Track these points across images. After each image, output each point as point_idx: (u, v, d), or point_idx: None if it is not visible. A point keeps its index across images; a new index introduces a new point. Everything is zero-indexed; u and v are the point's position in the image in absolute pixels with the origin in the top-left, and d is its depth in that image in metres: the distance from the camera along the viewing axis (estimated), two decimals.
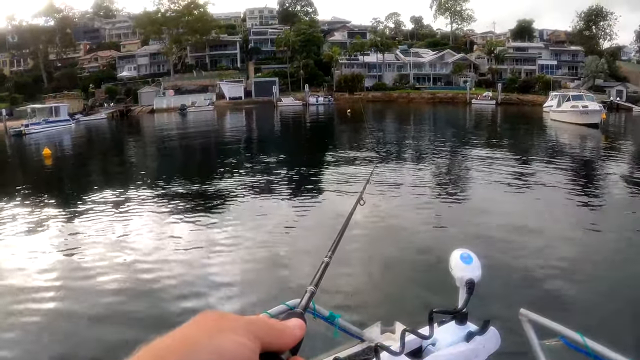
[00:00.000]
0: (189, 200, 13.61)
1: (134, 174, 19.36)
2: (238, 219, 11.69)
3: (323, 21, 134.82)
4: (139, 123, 62.78)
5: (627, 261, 9.04)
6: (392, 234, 10.84)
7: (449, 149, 25.95)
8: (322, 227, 10.96)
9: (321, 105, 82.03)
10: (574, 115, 46.43)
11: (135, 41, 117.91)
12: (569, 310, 6.91)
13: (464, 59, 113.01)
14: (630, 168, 22.34)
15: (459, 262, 2.80)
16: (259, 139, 35.98)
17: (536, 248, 9.63)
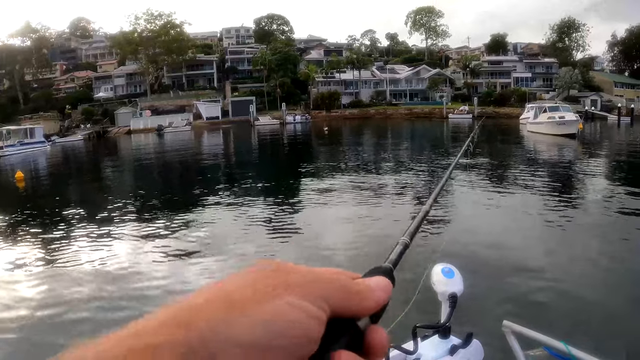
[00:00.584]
0: (166, 222, 13.52)
1: (110, 196, 19.22)
2: (217, 242, 11.70)
3: (299, 39, 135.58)
4: (116, 144, 62.39)
5: (608, 270, 9.26)
6: (370, 248, 10.86)
7: (428, 164, 26.07)
8: (301, 248, 11.06)
9: (298, 124, 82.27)
10: (551, 126, 46.85)
11: (112, 61, 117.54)
12: (552, 320, 7.00)
13: (440, 74, 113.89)
14: (609, 177, 22.73)
15: (441, 277, 2.86)
16: (236, 160, 35.90)
17: (518, 260, 9.79)
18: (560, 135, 44.43)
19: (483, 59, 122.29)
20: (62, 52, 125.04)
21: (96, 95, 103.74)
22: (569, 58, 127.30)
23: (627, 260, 9.69)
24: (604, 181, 21.31)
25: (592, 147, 39.29)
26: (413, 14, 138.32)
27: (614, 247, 10.56)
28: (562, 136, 44.17)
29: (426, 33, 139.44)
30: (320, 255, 10.12)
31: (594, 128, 67.11)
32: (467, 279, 7.83)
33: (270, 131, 67.08)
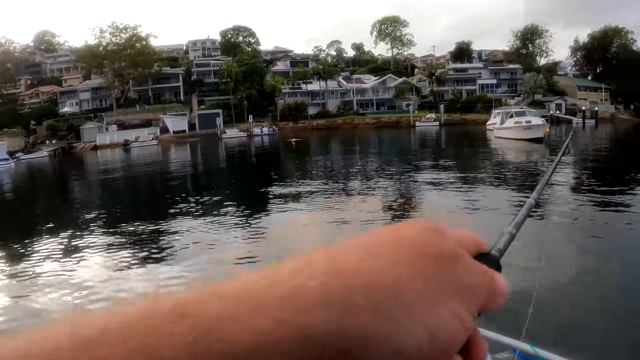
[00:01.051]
0: (135, 237, 13.39)
1: (77, 213, 18.97)
2: (186, 255, 11.67)
3: (265, 51, 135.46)
4: (82, 160, 61.59)
5: (574, 271, 9.44)
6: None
7: (396, 173, 26.00)
8: (271, 257, 11.06)
9: (266, 136, 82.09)
10: (518, 131, 47.16)
11: (77, 76, 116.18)
12: (518, 323, 7.01)
13: (406, 82, 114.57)
14: (577, 179, 23.46)
15: None
16: (204, 173, 35.64)
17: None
18: (527, 140, 44.78)
19: (448, 67, 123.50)
20: (27, 67, 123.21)
21: (61, 110, 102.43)
22: (533, 64, 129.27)
23: (594, 261, 9.97)
24: (572, 182, 21.96)
25: (559, 150, 39.77)
26: (378, 24, 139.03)
27: (581, 249, 10.89)
28: (529, 140, 44.56)
29: (392, 42, 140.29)
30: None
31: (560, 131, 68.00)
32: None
33: (238, 144, 66.89)
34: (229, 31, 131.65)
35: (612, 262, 9.76)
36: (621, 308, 7.48)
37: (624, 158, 36.42)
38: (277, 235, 12.83)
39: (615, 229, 12.69)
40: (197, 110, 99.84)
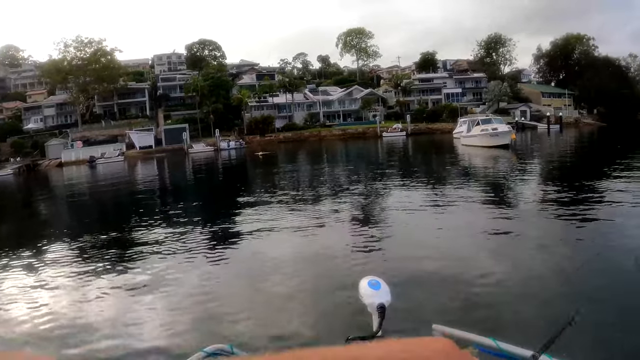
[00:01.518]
0: (102, 257, 13.18)
1: (42, 233, 18.74)
2: (158, 273, 11.44)
3: (231, 64, 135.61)
4: (48, 178, 60.85)
5: (534, 269, 9.50)
6: (308, 267, 10.96)
7: (364, 185, 25.93)
8: (243, 275, 11.07)
9: (233, 150, 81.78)
10: (484, 138, 47.60)
11: (42, 91, 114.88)
12: (480, 319, 7.22)
13: (372, 93, 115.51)
14: (543, 183, 23.55)
15: (368, 289, 2.89)
16: (172, 189, 35.40)
17: (448, 268, 9.92)
18: (494, 147, 45.13)
19: (414, 77, 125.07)
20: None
21: (26, 126, 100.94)
22: (497, 72, 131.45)
23: (553, 259, 10.14)
24: (538, 187, 22.21)
25: (525, 156, 40.45)
26: (344, 36, 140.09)
27: (543, 249, 11.03)
28: (496, 147, 44.92)
29: (357, 54, 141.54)
30: (263, 280, 10.15)
31: (525, 138, 69.24)
32: (399, 289, 8.28)
33: (205, 158, 66.67)
34: (195, 45, 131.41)
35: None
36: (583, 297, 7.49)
37: (588, 160, 37.49)
38: (246, 251, 12.82)
39: (579, 235, 12.71)
40: (163, 125, 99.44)
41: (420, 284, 9.07)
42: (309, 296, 9.10)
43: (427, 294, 8.56)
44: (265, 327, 7.79)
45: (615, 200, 16.45)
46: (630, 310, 7.43)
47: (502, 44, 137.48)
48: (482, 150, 44.35)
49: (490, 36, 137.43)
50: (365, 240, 12.82)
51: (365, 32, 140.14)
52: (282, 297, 9.04)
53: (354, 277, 7.24)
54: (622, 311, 7.37)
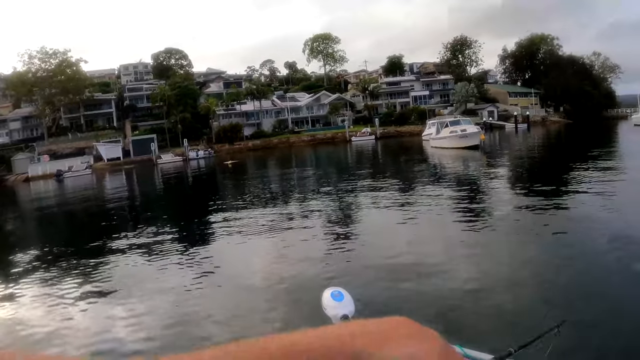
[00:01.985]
0: (73, 273, 13.08)
1: (10, 251, 18.66)
2: (131, 284, 11.40)
3: (198, 73, 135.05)
4: (14, 193, 60.06)
5: (499, 273, 9.57)
6: (274, 276, 10.91)
7: (334, 191, 26.01)
8: (217, 284, 11.04)
9: (202, 159, 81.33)
10: (454, 140, 48.03)
11: (7, 104, 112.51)
12: (446, 325, 7.12)
13: (340, 98, 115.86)
14: (513, 182, 24.22)
15: (331, 301, 2.91)
16: (141, 200, 34.98)
17: (413, 273, 9.80)
18: (463, 148, 45.59)
19: (381, 81, 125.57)
20: None
21: None
22: (464, 73, 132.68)
23: (518, 262, 10.24)
24: (508, 186, 22.84)
25: (495, 156, 41.22)
26: (310, 42, 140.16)
27: (510, 251, 11.18)
28: (465, 149, 45.40)
29: (324, 59, 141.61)
30: (238, 288, 10.25)
31: (494, 137, 70.15)
32: (365, 296, 8.33)
33: (174, 169, 66.31)
34: (161, 54, 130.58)
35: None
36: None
37: (555, 157, 38.94)
38: (218, 262, 12.78)
39: (548, 225, 13.38)
40: (131, 136, 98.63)
41: (387, 290, 9.06)
42: (273, 308, 9.07)
43: (395, 300, 8.57)
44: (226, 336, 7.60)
45: (581, 190, 17.78)
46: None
47: (467, 46, 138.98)
48: (451, 152, 44.79)
49: (456, 38, 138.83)
50: (335, 248, 12.86)
51: (332, 38, 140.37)
52: (248, 308, 9.07)
53: (320, 286, 7.29)
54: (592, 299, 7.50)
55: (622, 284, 8.33)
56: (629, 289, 8.01)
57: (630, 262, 9.34)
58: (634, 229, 11.98)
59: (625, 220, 13.02)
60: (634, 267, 9.03)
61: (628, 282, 8.37)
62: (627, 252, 10.08)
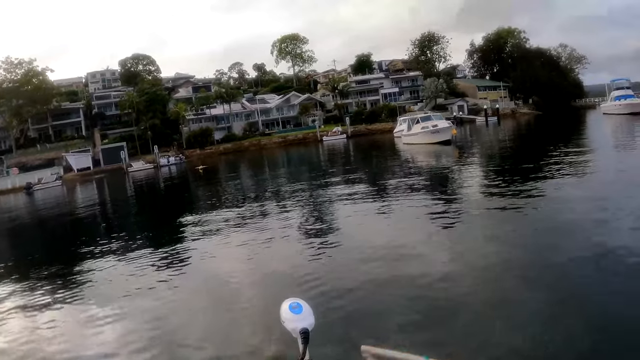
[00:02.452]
0: (51, 286, 12.94)
1: None
2: (108, 294, 11.41)
3: (167, 78, 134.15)
4: None
5: (473, 277, 9.31)
6: (242, 285, 10.98)
7: (307, 191, 26.19)
8: (197, 289, 11.06)
9: (173, 165, 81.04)
10: (425, 136, 48.50)
11: None
12: (411, 336, 7.00)
13: (310, 99, 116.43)
14: (486, 174, 24.56)
15: (289, 314, 2.88)
16: (112, 211, 34.58)
17: (373, 282, 9.58)
18: (436, 144, 46.09)
19: (350, 80, 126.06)
20: None
21: None
22: (433, 69, 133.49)
23: (483, 265, 10.02)
24: (481, 178, 23.12)
25: (467, 150, 41.44)
26: (278, 43, 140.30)
27: (476, 257, 10.81)
28: (437, 144, 45.82)
29: (292, 60, 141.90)
30: (216, 294, 10.33)
31: (465, 131, 70.80)
32: (325, 308, 8.43)
33: (146, 176, 65.87)
34: (129, 60, 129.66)
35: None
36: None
37: (525, 148, 39.68)
38: (193, 270, 12.90)
39: (518, 217, 13.78)
40: (100, 144, 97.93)
41: (352, 298, 8.91)
42: (236, 320, 9.07)
43: (359, 310, 8.38)
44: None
45: (553, 177, 18.74)
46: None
47: (435, 42, 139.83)
48: (424, 148, 45.19)
49: (423, 35, 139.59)
50: (304, 252, 12.83)
51: (300, 38, 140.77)
52: (209, 321, 9.07)
53: (284, 296, 7.23)
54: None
55: (601, 283, 8.44)
56: (605, 286, 8.11)
57: (604, 254, 9.55)
58: (605, 217, 12.32)
59: (597, 207, 13.40)
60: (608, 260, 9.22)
61: (607, 280, 8.46)
62: (599, 243, 10.31)
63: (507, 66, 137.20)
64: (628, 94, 70.33)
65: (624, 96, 69.14)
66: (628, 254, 9.22)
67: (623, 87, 73.94)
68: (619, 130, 44.43)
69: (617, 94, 71.32)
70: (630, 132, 40.53)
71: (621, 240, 10.08)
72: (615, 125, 49.55)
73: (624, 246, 9.66)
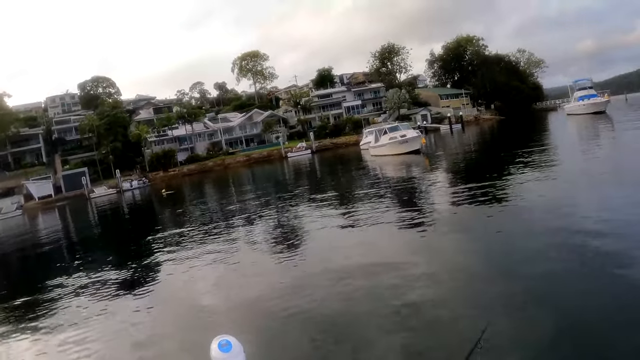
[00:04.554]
0: (16, 320, 12.86)
1: None
2: (72, 324, 11.26)
3: (127, 100, 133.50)
4: None
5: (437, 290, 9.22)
6: (233, 305, 10.81)
7: (274, 210, 25.97)
8: (165, 314, 10.99)
9: (137, 189, 79.64)
10: (394, 146, 48.21)
11: None
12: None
13: (272, 115, 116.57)
14: (456, 183, 24.61)
15: (218, 353, 2.80)
16: (76, 240, 33.83)
17: (306, 310, 9.36)
18: (405, 154, 45.94)
19: (313, 94, 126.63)
20: None
21: None
22: (394, 80, 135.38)
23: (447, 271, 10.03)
24: (452, 186, 23.27)
25: (435, 158, 41.59)
26: (239, 60, 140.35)
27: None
28: (407, 154, 45.68)
29: (254, 77, 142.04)
30: (186, 318, 10.19)
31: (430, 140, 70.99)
32: (257, 341, 8.21)
33: (109, 202, 64.79)
34: (88, 83, 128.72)
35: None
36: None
37: (492, 152, 40.85)
38: (163, 297, 12.73)
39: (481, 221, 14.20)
40: (61, 171, 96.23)
41: (281, 332, 8.65)
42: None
43: (289, 346, 8.14)
44: None
45: (519, 181, 19.44)
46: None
47: (396, 53, 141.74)
48: (393, 159, 45.00)
49: (383, 46, 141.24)
50: (264, 277, 12.53)
51: (260, 55, 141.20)
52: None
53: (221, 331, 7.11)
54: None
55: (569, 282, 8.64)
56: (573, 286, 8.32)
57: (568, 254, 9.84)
58: (568, 219, 12.64)
59: (560, 208, 13.94)
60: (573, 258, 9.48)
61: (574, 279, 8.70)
62: (564, 240, 10.76)
63: (467, 73, 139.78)
64: (591, 93, 72.19)
65: (587, 96, 71.17)
66: (587, 251, 9.67)
67: (586, 87, 75.96)
68: (584, 130, 46.02)
69: (580, 94, 73.20)
70: (594, 131, 42.07)
71: (580, 239, 10.50)
72: (580, 126, 50.74)
73: (582, 245, 10.11)
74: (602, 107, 65.31)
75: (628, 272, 8.28)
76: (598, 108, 65.32)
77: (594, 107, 66.29)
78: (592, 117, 60.08)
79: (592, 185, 16.95)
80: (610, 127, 44.19)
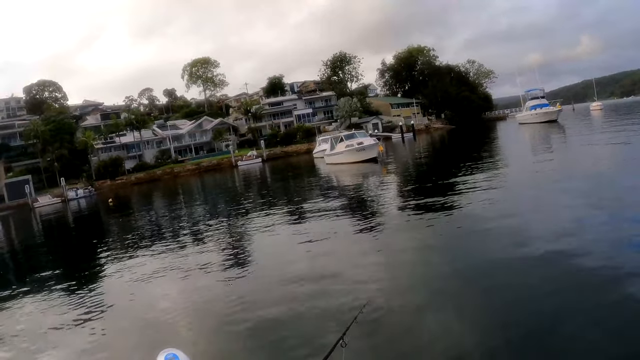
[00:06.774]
0: None
1: None
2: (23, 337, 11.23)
3: (74, 106, 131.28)
4: None
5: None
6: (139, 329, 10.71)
7: (224, 220, 25.94)
8: (117, 326, 10.99)
9: (83, 199, 78.04)
10: (351, 154, 47.97)
11: None
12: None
13: (223, 123, 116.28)
14: (412, 189, 25.40)
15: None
16: (19, 253, 33.31)
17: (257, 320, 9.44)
18: (362, 162, 45.88)
19: (263, 102, 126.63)
20: None
21: None
22: (345, 89, 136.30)
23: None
24: (411, 194, 23.91)
25: (392, 165, 42.49)
26: (189, 67, 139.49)
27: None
28: (364, 162, 45.69)
29: (204, 84, 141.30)
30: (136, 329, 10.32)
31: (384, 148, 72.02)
32: (205, 354, 8.27)
33: (54, 212, 63.33)
34: (34, 87, 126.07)
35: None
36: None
37: (444, 160, 42.32)
38: (107, 311, 12.59)
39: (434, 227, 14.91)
40: (4, 178, 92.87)
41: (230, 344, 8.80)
42: None
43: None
44: None
45: (471, 188, 20.51)
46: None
47: (347, 62, 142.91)
48: (349, 167, 44.92)
49: (335, 55, 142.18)
50: (209, 290, 12.55)
51: (211, 62, 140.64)
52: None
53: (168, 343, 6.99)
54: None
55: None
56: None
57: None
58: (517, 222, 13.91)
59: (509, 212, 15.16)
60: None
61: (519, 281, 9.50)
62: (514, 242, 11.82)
63: (418, 83, 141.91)
64: (543, 102, 74.25)
65: (539, 105, 73.23)
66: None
67: (538, 97, 78.04)
68: (535, 138, 47.98)
69: (532, 104, 75.27)
70: (545, 139, 44.30)
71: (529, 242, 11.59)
72: (532, 134, 52.09)
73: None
74: (554, 116, 67.43)
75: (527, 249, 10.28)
76: (550, 117, 67.49)
77: (546, 116, 68.41)
78: (544, 125, 61.79)
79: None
80: (563, 135, 46.14)
